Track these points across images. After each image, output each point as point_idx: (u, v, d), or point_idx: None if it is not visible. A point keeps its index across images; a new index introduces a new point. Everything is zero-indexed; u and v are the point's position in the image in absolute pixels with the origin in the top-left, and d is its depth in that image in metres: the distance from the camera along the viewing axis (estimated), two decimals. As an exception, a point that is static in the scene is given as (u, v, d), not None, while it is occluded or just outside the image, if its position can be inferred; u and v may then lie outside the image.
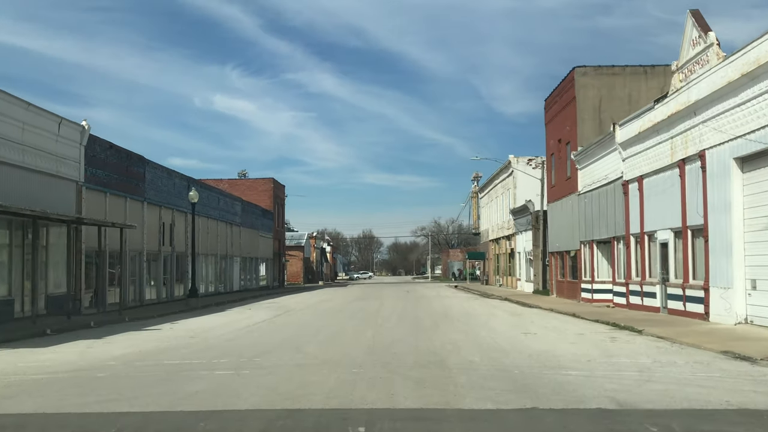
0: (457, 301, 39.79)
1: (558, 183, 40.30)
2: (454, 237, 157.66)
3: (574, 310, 28.17)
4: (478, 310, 30.04)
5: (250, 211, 60.53)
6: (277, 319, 25.15)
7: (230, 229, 53.46)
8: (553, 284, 42.35)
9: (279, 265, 74.83)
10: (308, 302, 39.07)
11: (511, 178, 56.70)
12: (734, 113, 19.15)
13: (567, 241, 38.16)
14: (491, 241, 69.73)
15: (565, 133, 38.18)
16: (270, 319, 25.48)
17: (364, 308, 31.96)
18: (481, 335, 18.25)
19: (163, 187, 37.87)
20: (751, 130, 18.24)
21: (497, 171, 63.12)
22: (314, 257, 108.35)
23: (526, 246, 51.21)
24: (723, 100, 19.73)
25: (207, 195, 47.04)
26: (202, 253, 45.81)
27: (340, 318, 25.55)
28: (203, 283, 46.16)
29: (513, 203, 55.77)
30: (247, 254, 58.97)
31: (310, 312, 29.59)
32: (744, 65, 18.30)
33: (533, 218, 48.67)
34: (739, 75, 18.49)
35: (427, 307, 32.45)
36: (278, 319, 25.52)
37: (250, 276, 61.11)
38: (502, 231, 61.87)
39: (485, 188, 74.47)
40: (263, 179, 71.18)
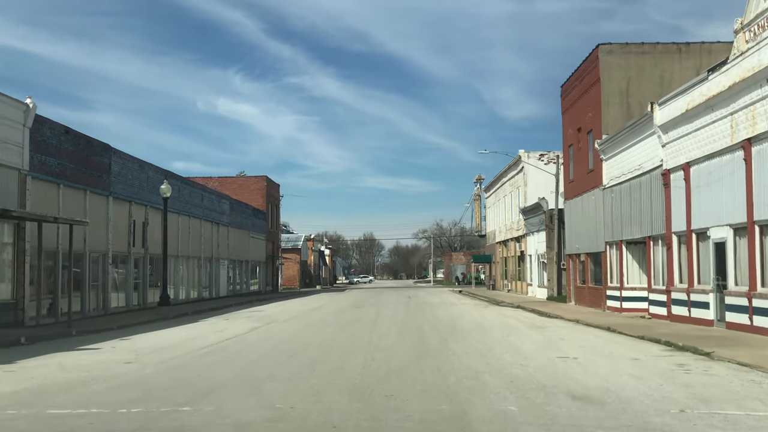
0: (465, 308, 35.47)
1: (578, 177, 35.98)
2: (457, 240, 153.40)
3: (604, 321, 23.86)
4: (492, 321, 25.73)
5: (239, 211, 56.25)
6: (252, 334, 20.83)
7: (217, 229, 49.17)
8: (570, 290, 38.02)
9: (273, 269, 70.51)
10: (297, 310, 34.77)
11: (522, 174, 52.40)
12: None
13: (588, 242, 33.85)
14: (498, 244, 65.40)
15: (587, 120, 33.88)
16: (243, 333, 21.17)
17: (359, 318, 27.66)
18: (506, 360, 13.94)
19: (133, 181, 33.59)
20: None
21: (505, 168, 58.85)
22: (312, 260, 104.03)
23: (539, 248, 46.89)
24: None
25: (189, 191, 42.76)
26: (183, 255, 41.53)
27: (327, 333, 21.25)
28: (183, 288, 41.86)
29: (523, 202, 51.46)
30: (236, 257, 54.66)
31: (294, 324, 25.28)
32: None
33: (547, 217, 44.36)
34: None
35: (432, 318, 28.14)
36: (253, 333, 21.20)
37: (239, 280, 56.78)
38: (511, 232, 57.55)
39: (492, 187, 70.18)
40: (255, 177, 66.82)
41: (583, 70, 34.34)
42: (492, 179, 68.31)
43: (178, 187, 40.50)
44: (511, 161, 55.73)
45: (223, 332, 21.55)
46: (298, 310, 34.55)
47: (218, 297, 48.46)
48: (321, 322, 26.15)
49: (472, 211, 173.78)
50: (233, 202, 54.27)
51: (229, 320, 27.60)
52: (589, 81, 33.37)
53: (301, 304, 41.64)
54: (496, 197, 67.18)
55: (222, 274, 50.35)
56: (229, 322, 26.63)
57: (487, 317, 28.49)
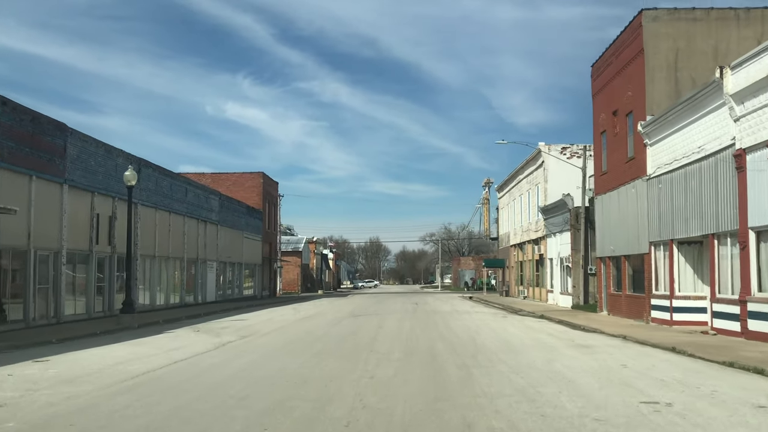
0: (481, 319, 30.60)
1: (613, 168, 31.09)
2: (465, 244, 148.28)
3: (660, 338, 19.01)
4: (520, 338, 20.85)
5: (231, 208, 51.49)
6: (211, 356, 16.01)
7: (204, 227, 44.44)
8: (602, 298, 33.11)
9: (270, 272, 65.73)
10: (286, 320, 29.96)
11: (541, 170, 47.50)
12: None
13: (626, 242, 28.98)
14: (513, 247, 60.47)
15: (625, 100, 29.03)
16: (203, 353, 16.39)
17: (357, 332, 22.84)
18: (568, 410, 9.10)
19: (97, 168, 28.90)
20: None
21: (522, 164, 53.96)
22: (314, 264, 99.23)
23: (562, 250, 41.99)
24: None
25: (169, 184, 38.04)
26: (161, 256, 36.80)
27: (311, 353, 16.43)
28: (161, 292, 37.11)
29: (543, 200, 46.56)
30: (227, 259, 49.90)
31: (274, 339, 20.46)
32: None
33: (572, 216, 39.47)
34: None
35: (445, 331, 23.29)
36: (214, 354, 16.40)
37: (231, 284, 52.00)
38: (528, 234, 52.63)
39: (505, 186, 65.28)
40: (251, 174, 62.01)
41: (622, 42, 29.46)
42: (505, 178, 63.44)
43: (155, 179, 35.83)
44: (529, 155, 50.90)
45: (178, 351, 16.76)
46: (286, 320, 29.74)
47: (204, 302, 43.70)
48: (309, 336, 21.33)
49: (481, 215, 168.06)
50: (224, 198, 49.51)
51: (199, 332, 22.83)
52: (629, 54, 28.51)
53: (294, 312, 36.83)
54: (510, 197, 62.27)
55: (209, 277, 45.60)
56: (197, 335, 21.86)
57: (512, 331, 23.62)
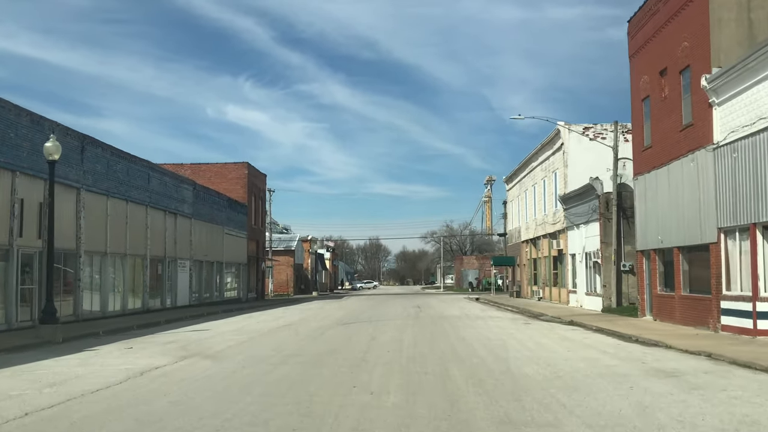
0: (499, 326, 24.78)
1: (661, 140, 25.25)
2: (468, 242, 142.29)
3: (754, 354, 13.22)
4: (566, 358, 14.98)
5: (209, 200, 45.63)
6: (103, 397, 10.20)
7: (173, 220, 38.61)
8: (644, 299, 27.31)
9: (257, 273, 59.87)
10: (260, 329, 24.14)
11: (560, 154, 41.69)
12: None
13: (681, 231, 23.19)
14: (524, 243, 54.64)
15: (680, 54, 23.21)
16: (91, 393, 10.56)
17: (340, 349, 17.02)
18: None
19: (19, 142, 23.10)
20: None
21: (536, 149, 48.14)
22: (308, 264, 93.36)
23: (588, 244, 36.18)
24: None
25: (126, 168, 32.19)
26: (114, 253, 31.00)
27: (259, 393, 10.60)
28: (116, 296, 31.27)
29: (563, 187, 40.75)
30: (203, 257, 44.04)
31: (223, 364, 14.57)
32: None
33: (601, 204, 33.67)
34: None
35: (460, 346, 17.45)
36: (117, 391, 10.59)
37: (209, 286, 46.12)
38: (544, 227, 46.79)
39: (514, 177, 59.47)
40: (234, 164, 56.08)
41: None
42: (515, 167, 57.58)
43: (107, 161, 30.03)
44: (544, 139, 45.05)
45: (57, 389, 10.94)
46: (259, 329, 23.91)
47: (175, 307, 37.86)
48: (273, 356, 15.49)
49: (483, 214, 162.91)
50: (199, 188, 43.62)
51: (131, 350, 17.01)
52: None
53: (274, 318, 30.99)
54: (520, 187, 56.44)
55: (181, 278, 39.75)
56: (121, 355, 16.05)
57: (548, 345, 17.78)
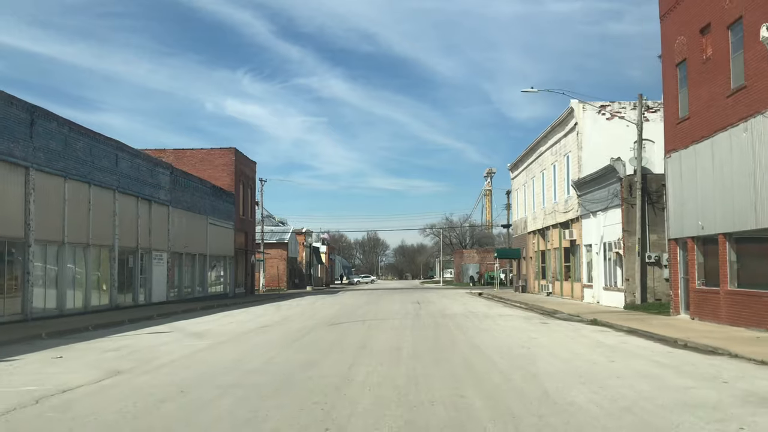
0: (515, 327, 21.16)
1: (703, 109, 21.58)
2: (468, 235, 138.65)
3: None
4: (616, 373, 11.33)
5: (189, 187, 41.91)
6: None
7: (147, 208, 34.93)
8: (678, 295, 23.72)
9: (246, 266, 56.19)
10: (233, 331, 20.51)
11: (573, 135, 38.02)
12: None
13: (729, 215, 19.57)
14: (531, 234, 51.01)
15: (728, 4, 19.53)
16: None
17: (320, 361, 13.38)
18: None
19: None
20: None
21: (544, 133, 44.46)
22: (303, 257, 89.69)
23: (606, 234, 32.57)
24: None
25: (88, 146, 28.47)
26: (75, 243, 27.37)
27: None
28: (77, 292, 27.59)
29: (577, 172, 37.11)
30: (183, 249, 40.37)
31: (173, 380, 10.89)
32: None
33: (624, 187, 30.05)
34: None
35: (474, 356, 13.80)
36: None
37: (190, 280, 42.46)
38: (554, 216, 43.16)
39: (519, 164, 55.81)
40: (220, 149, 52.27)
41: None
42: (521, 153, 53.88)
43: (64, 137, 26.36)
44: (555, 120, 41.39)
45: None
46: (230, 333, 20.25)
47: (149, 304, 34.22)
48: (232, 371, 11.85)
49: (483, 207, 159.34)
50: (177, 173, 39.88)
51: (60, 360, 13.42)
52: (737, -70, 19.01)
53: (254, 317, 27.37)
54: (527, 175, 52.78)
55: (157, 271, 36.07)
56: (36, 371, 12.44)
57: (583, 354, 14.13)
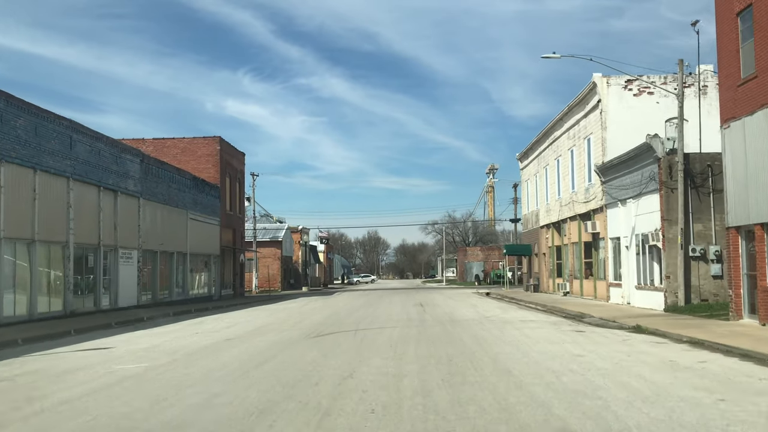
0: (544, 338, 16.81)
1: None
2: (471, 233, 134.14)
3: None
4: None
5: (165, 177, 37.52)
6: None
7: (111, 199, 30.60)
8: (741, 295, 19.39)
9: (234, 266, 51.81)
10: (187, 349, 16.13)
11: (596, 114, 33.64)
12: None
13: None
14: (544, 228, 46.66)
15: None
16: None
17: (278, 407, 9.02)
18: None
19: None
20: None
21: (560, 115, 40.10)
22: (299, 256, 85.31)
23: (639, 224, 28.21)
24: None
25: (32, 124, 24.05)
26: (18, 238, 23.03)
27: None
28: (21, 296, 23.21)
29: (601, 155, 32.74)
30: (158, 246, 36.02)
31: None
32: None
33: (663, 169, 25.67)
34: None
35: (508, 391, 9.45)
36: None
37: (168, 282, 38.11)
38: (571, 207, 38.78)
39: (530, 153, 51.45)
40: (204, 138, 47.82)
41: None
42: (533, 140, 49.50)
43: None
44: (572, 100, 37.01)
45: None
46: (180, 350, 15.86)
47: (114, 309, 29.89)
48: (133, 429, 7.47)
49: (485, 204, 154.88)
50: (150, 161, 35.46)
51: None
52: None
53: (226, 326, 23.01)
54: (538, 164, 48.40)
55: (125, 272, 31.72)
56: None
57: (668, 386, 9.75)
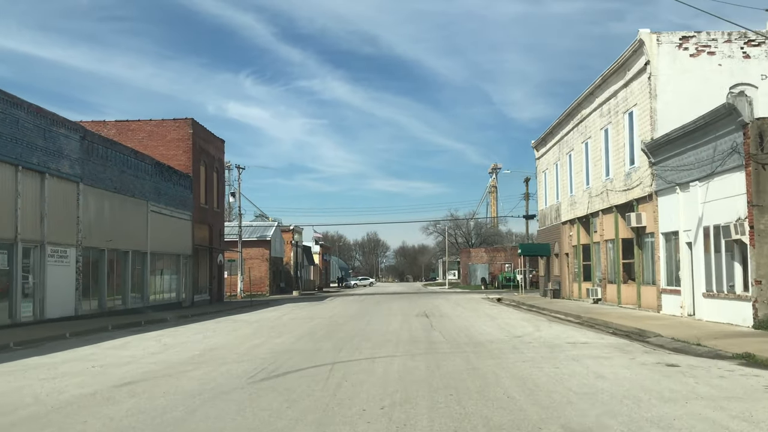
0: (632, 378, 10.48)
1: None
2: (474, 233, 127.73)
3: None
4: None
5: (116, 160, 31.10)
6: None
7: (38, 183, 24.29)
8: None
9: (210, 267, 45.39)
10: (49, 403, 9.76)
11: (642, 80, 27.30)
12: None
13: None
14: (567, 224, 40.32)
15: None
16: None
17: None
18: None
19: None
20: None
21: (591, 88, 33.76)
22: (290, 258, 78.91)
23: (709, 213, 21.81)
24: None
25: None
26: None
27: None
28: None
29: (649, 130, 26.40)
30: (106, 243, 29.65)
31: None
32: None
33: (751, 137, 19.29)
34: None
35: None
36: None
37: (121, 287, 31.70)
38: (604, 198, 32.41)
39: (548, 140, 45.12)
40: (174, 120, 41.33)
41: None
42: (551, 125, 43.12)
43: None
44: (609, 67, 30.66)
45: None
46: (41, 404, 9.50)
47: (39, 321, 23.52)
48: None
49: (488, 205, 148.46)
50: (94, 139, 28.94)
51: None
52: None
53: (161, 350, 16.60)
54: (559, 151, 42.07)
55: (56, 274, 25.31)
56: None
57: None
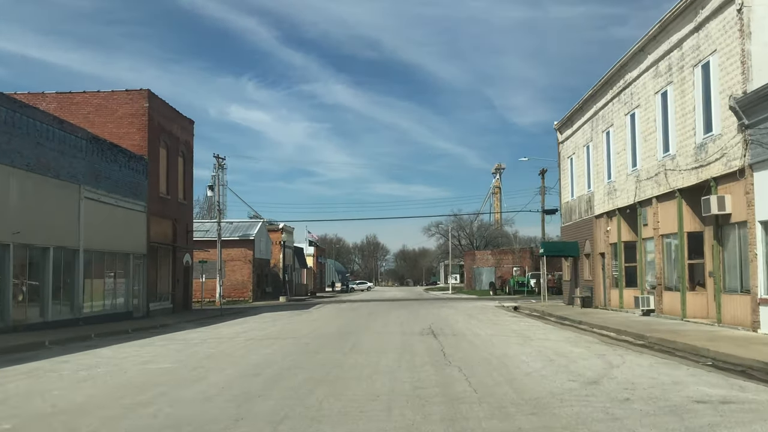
0: None
1: None
2: (477, 236, 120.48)
3: None
4: None
5: (32, 129, 23.71)
6: None
7: None
8: None
9: (173, 270, 38.14)
10: None
11: (728, 17, 20.15)
12: None
13: None
14: (602, 217, 33.12)
15: None
16: None
17: None
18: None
19: None
20: None
21: (642, 41, 26.71)
22: (279, 260, 71.64)
23: None
24: None
25: None
26: None
27: None
28: None
29: (741, 81, 19.19)
30: (14, 237, 22.40)
31: None
32: None
33: None
34: None
35: None
36: None
37: (39, 294, 24.44)
38: (661, 181, 25.18)
39: (575, 119, 37.98)
40: (126, 92, 34.01)
41: None
42: (581, 99, 35.92)
43: None
44: (669, 11, 23.52)
45: None
46: None
47: None
48: None
49: (491, 206, 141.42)
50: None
51: None
52: None
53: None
54: (591, 130, 34.92)
55: None
56: None
57: None
